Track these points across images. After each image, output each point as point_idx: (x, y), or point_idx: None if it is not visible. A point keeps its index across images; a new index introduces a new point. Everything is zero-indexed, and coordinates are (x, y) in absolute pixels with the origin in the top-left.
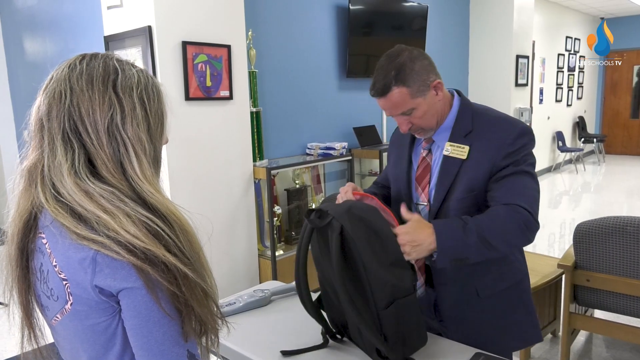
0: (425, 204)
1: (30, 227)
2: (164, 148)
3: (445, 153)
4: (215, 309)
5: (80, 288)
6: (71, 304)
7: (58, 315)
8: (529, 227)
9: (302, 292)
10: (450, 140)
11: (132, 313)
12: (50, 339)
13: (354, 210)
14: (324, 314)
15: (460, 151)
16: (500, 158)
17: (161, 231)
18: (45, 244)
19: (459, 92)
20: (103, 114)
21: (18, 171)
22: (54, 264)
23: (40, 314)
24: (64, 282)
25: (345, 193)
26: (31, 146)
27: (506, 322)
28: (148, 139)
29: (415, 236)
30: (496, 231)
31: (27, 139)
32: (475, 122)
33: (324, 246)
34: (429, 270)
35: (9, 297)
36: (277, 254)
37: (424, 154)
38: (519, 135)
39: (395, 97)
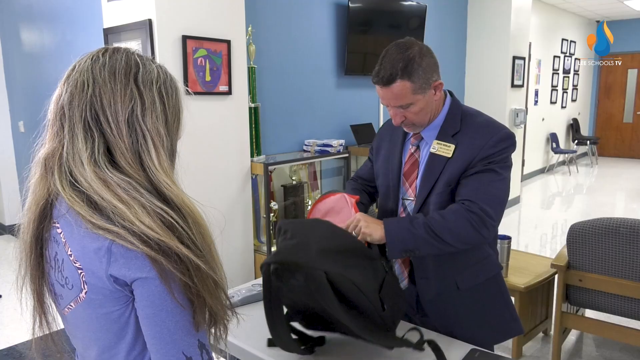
0: (412, 199)
1: (45, 215)
2: None
3: (432, 150)
4: (225, 300)
5: (95, 277)
6: (86, 293)
7: (72, 304)
8: (482, 224)
9: (286, 343)
10: (437, 139)
11: (145, 302)
12: (61, 325)
13: (321, 246)
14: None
15: (447, 149)
16: (479, 158)
17: (175, 223)
18: (60, 233)
19: (451, 93)
20: (124, 106)
21: (34, 159)
22: (69, 253)
23: (52, 302)
24: (79, 271)
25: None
26: (49, 134)
27: (486, 315)
28: (165, 132)
29: (370, 222)
30: (445, 226)
31: (23, 130)
32: (463, 123)
33: (298, 289)
34: (412, 265)
35: (21, 284)
36: (273, 249)
37: (412, 150)
38: (501, 139)
39: (398, 89)
